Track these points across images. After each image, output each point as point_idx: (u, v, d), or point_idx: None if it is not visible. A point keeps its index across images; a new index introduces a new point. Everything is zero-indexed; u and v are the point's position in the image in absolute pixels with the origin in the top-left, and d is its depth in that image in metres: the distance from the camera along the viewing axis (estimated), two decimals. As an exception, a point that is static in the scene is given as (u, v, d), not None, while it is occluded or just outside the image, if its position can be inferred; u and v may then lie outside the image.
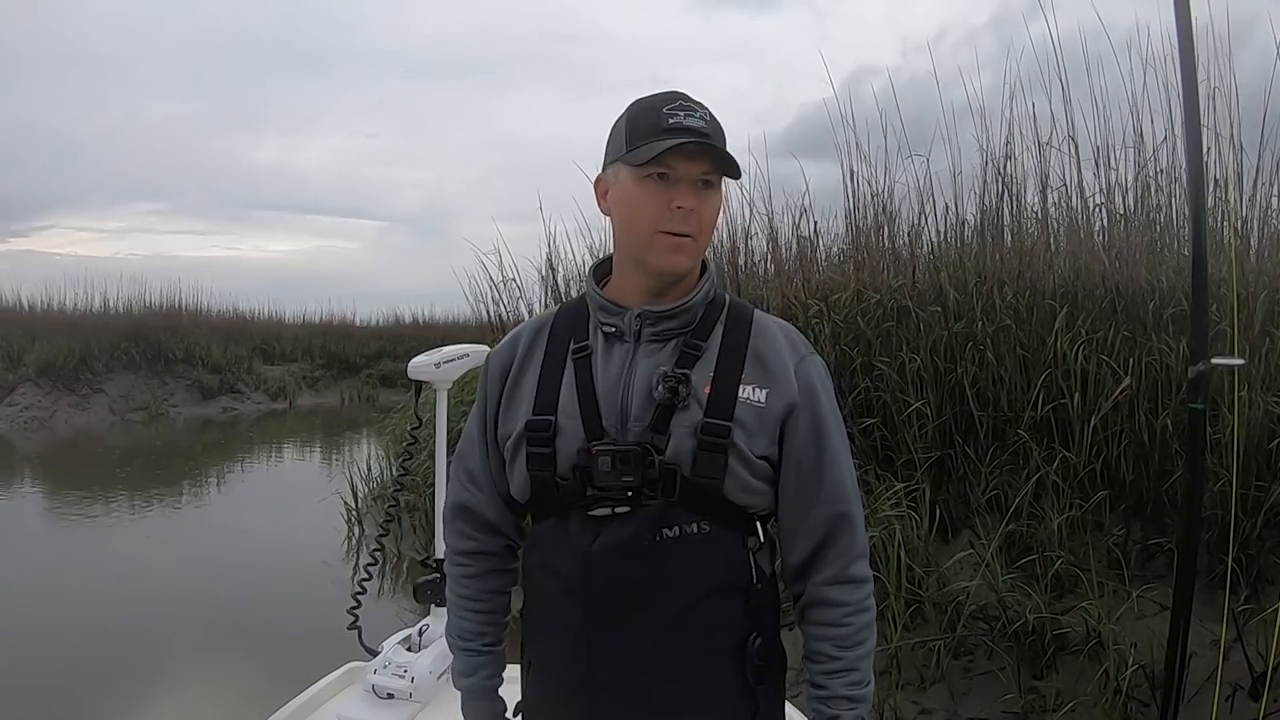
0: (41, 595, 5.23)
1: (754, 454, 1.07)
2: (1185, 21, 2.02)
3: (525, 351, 1.20)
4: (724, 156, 1.09)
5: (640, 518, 1.06)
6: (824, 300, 4.36)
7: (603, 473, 1.06)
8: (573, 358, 1.14)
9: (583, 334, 1.16)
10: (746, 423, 1.07)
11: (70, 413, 13.56)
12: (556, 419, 1.11)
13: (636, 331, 1.13)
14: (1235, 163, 3.67)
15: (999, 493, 3.48)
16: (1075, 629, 2.96)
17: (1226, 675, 2.58)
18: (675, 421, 1.07)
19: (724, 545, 1.09)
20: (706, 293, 1.16)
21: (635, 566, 1.06)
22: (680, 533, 1.06)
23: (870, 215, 4.80)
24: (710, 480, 1.06)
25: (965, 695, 3.03)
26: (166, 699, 3.90)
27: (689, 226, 1.09)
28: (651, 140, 1.07)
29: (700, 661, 1.08)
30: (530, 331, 1.22)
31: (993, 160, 4.34)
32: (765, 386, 1.09)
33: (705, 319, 1.14)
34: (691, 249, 1.11)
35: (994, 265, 4.08)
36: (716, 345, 1.12)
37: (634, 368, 1.11)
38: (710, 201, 1.11)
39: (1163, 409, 3.23)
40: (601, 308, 1.16)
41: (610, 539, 1.07)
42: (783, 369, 1.11)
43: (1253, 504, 2.92)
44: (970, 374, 3.70)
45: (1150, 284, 3.52)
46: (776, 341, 1.13)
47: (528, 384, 1.16)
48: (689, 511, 1.07)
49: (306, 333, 18.57)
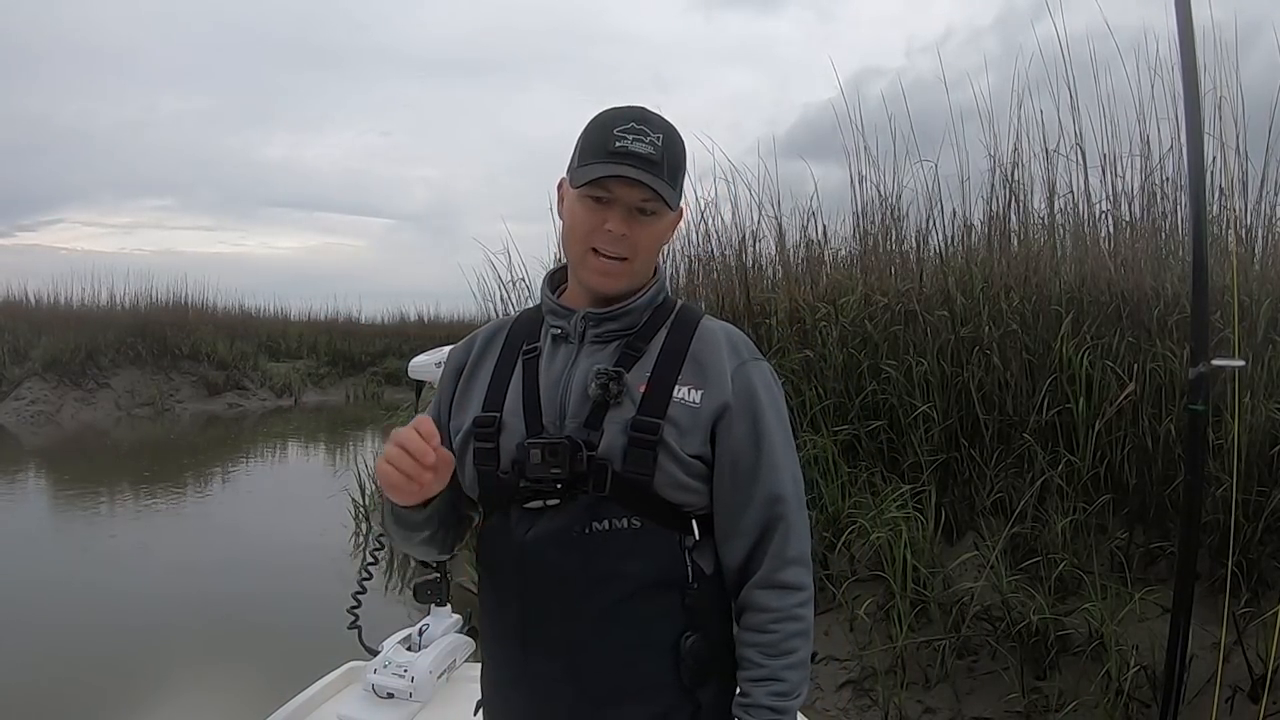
0: (44, 592, 5.27)
1: (686, 452, 1.08)
2: (1186, 23, 2.05)
3: (480, 351, 1.24)
4: (660, 188, 1.09)
5: (570, 511, 1.08)
6: (832, 303, 4.39)
7: (534, 465, 1.08)
8: (522, 358, 1.18)
9: (535, 336, 1.20)
10: (679, 421, 1.09)
11: (76, 407, 13.61)
12: (502, 416, 1.14)
13: (581, 333, 1.15)
14: (1240, 170, 3.72)
15: (1004, 495, 3.51)
16: (1078, 630, 3.00)
17: (1227, 678, 2.62)
18: (609, 418, 1.09)
19: (657, 542, 1.10)
20: (652, 296, 1.18)
21: (566, 558, 1.08)
22: (610, 527, 1.08)
23: (878, 219, 4.85)
24: (640, 476, 1.07)
25: (969, 695, 3.07)
26: (166, 697, 3.92)
27: (620, 249, 1.11)
28: (593, 162, 1.09)
29: (636, 656, 1.09)
30: (488, 333, 1.26)
31: (1000, 166, 4.38)
32: (701, 388, 1.10)
33: (650, 322, 1.17)
34: (622, 272, 1.13)
35: (1000, 270, 4.11)
36: (658, 347, 1.14)
37: (575, 367, 1.13)
38: (648, 228, 1.13)
39: (1166, 414, 3.26)
40: (551, 311, 1.19)
41: (541, 530, 1.09)
42: (719, 372, 1.12)
43: (1254, 509, 2.96)
44: (976, 378, 3.73)
45: (1155, 290, 3.55)
46: (717, 346, 1.14)
47: (479, 383, 1.20)
48: (620, 507, 1.08)
49: (312, 330, 18.64)
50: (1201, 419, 2.06)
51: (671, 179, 1.12)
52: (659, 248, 1.18)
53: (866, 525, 3.50)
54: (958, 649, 3.16)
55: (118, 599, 5.18)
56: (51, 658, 4.23)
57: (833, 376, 4.14)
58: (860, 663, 3.28)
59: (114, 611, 4.94)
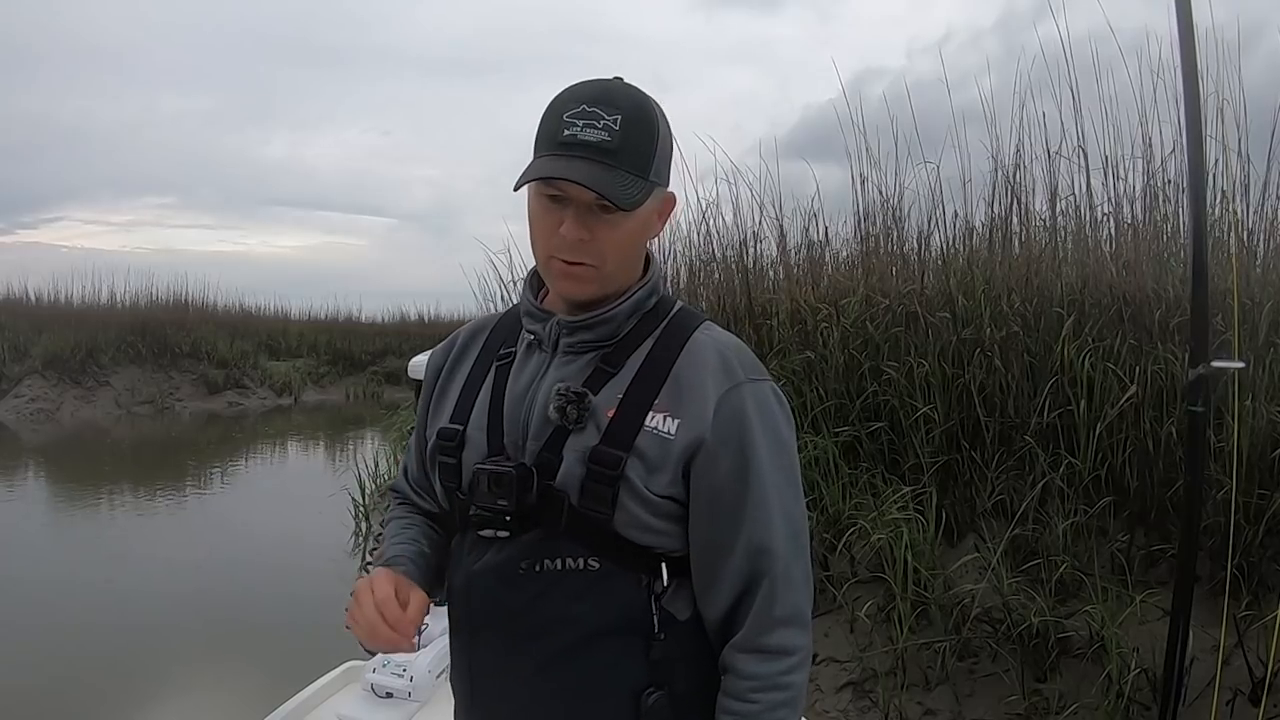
0: (43, 592, 5.27)
1: (652, 491, 0.95)
2: (1187, 25, 2.05)
3: (459, 353, 1.13)
4: (609, 189, 0.92)
5: (519, 545, 0.98)
6: (834, 305, 4.39)
7: (481, 492, 0.97)
8: (496, 364, 1.07)
9: (513, 340, 1.08)
10: (648, 455, 0.95)
11: (76, 405, 13.62)
12: (466, 429, 1.03)
13: (555, 341, 1.02)
14: (1241, 173, 3.72)
15: (1005, 497, 3.51)
16: (1079, 633, 3.00)
17: (1228, 680, 2.62)
18: (569, 444, 0.96)
19: (618, 585, 0.97)
20: (639, 301, 1.02)
21: (510, 596, 0.98)
22: (563, 566, 0.96)
23: (879, 220, 4.85)
24: (598, 514, 0.95)
25: (969, 697, 3.07)
26: (166, 696, 3.92)
27: (581, 255, 0.96)
28: (542, 155, 0.95)
29: (590, 706, 0.98)
30: (469, 332, 1.15)
31: (1002, 169, 4.38)
32: (678, 416, 0.96)
33: (634, 333, 1.02)
34: (589, 277, 0.98)
35: (1002, 272, 4.11)
36: (638, 363, 0.99)
37: (543, 381, 1.01)
38: (613, 229, 0.96)
39: (1167, 417, 3.26)
40: (528, 313, 1.06)
41: (489, 562, 0.99)
42: (700, 398, 0.96)
43: (1255, 512, 2.96)
44: (978, 380, 3.73)
45: (1156, 293, 3.55)
46: (705, 366, 0.98)
47: (453, 389, 1.09)
48: (576, 545, 0.96)
49: (312, 329, 18.67)
50: (1201, 420, 2.07)
51: (636, 166, 0.94)
52: (635, 246, 1.02)
53: (867, 526, 3.50)
54: (958, 651, 3.16)
55: (116, 598, 5.18)
56: (51, 657, 4.22)
57: (834, 377, 4.15)
58: (860, 664, 3.29)
59: (113, 611, 4.95)
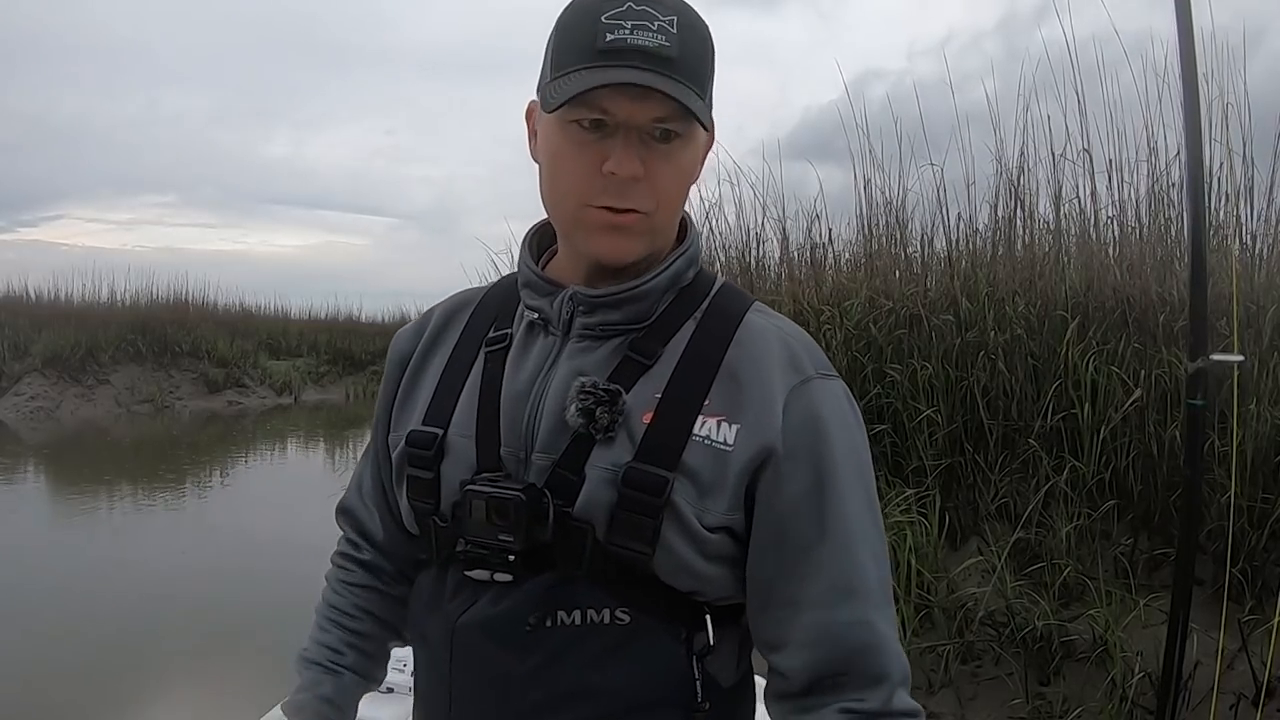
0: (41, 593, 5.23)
1: (705, 523, 0.73)
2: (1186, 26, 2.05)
3: (434, 336, 0.88)
4: (684, 95, 0.71)
5: (523, 592, 0.74)
6: (836, 306, 4.39)
7: (475, 522, 0.74)
8: (485, 350, 0.82)
9: (507, 319, 0.84)
10: (700, 474, 0.73)
11: (76, 404, 13.60)
12: (446, 434, 0.79)
13: (566, 321, 0.78)
14: (1245, 176, 3.72)
15: (1008, 500, 3.51)
16: (1082, 636, 3.00)
17: (1233, 685, 2.62)
18: (593, 459, 0.74)
19: (653, 644, 0.75)
20: (677, 272, 0.79)
21: (508, 659, 0.75)
22: (584, 620, 0.74)
23: (882, 222, 4.85)
24: (633, 552, 0.72)
25: (972, 700, 3.06)
26: (163, 693, 3.91)
27: (632, 200, 0.73)
28: (575, 68, 0.71)
29: None
30: (447, 310, 0.90)
31: (1006, 172, 4.38)
32: (736, 421, 0.74)
33: (670, 313, 0.79)
34: (640, 229, 0.75)
35: (1006, 275, 4.12)
36: (678, 353, 0.77)
37: (553, 373, 0.77)
38: (672, 161, 0.74)
39: (1171, 421, 3.25)
40: (529, 284, 0.82)
41: (480, 614, 0.76)
42: (765, 397, 0.74)
43: (1259, 516, 2.96)
44: (981, 383, 3.73)
45: (1161, 296, 3.55)
46: (767, 355, 0.76)
47: (426, 382, 0.85)
48: (600, 592, 0.74)
49: (312, 328, 18.66)
50: (1200, 414, 2.07)
51: (696, 82, 0.72)
52: (686, 190, 0.79)
53: (870, 529, 3.49)
54: (961, 654, 3.16)
55: (115, 598, 5.16)
56: (51, 658, 4.21)
57: (836, 380, 4.14)
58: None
59: (112, 610, 4.93)
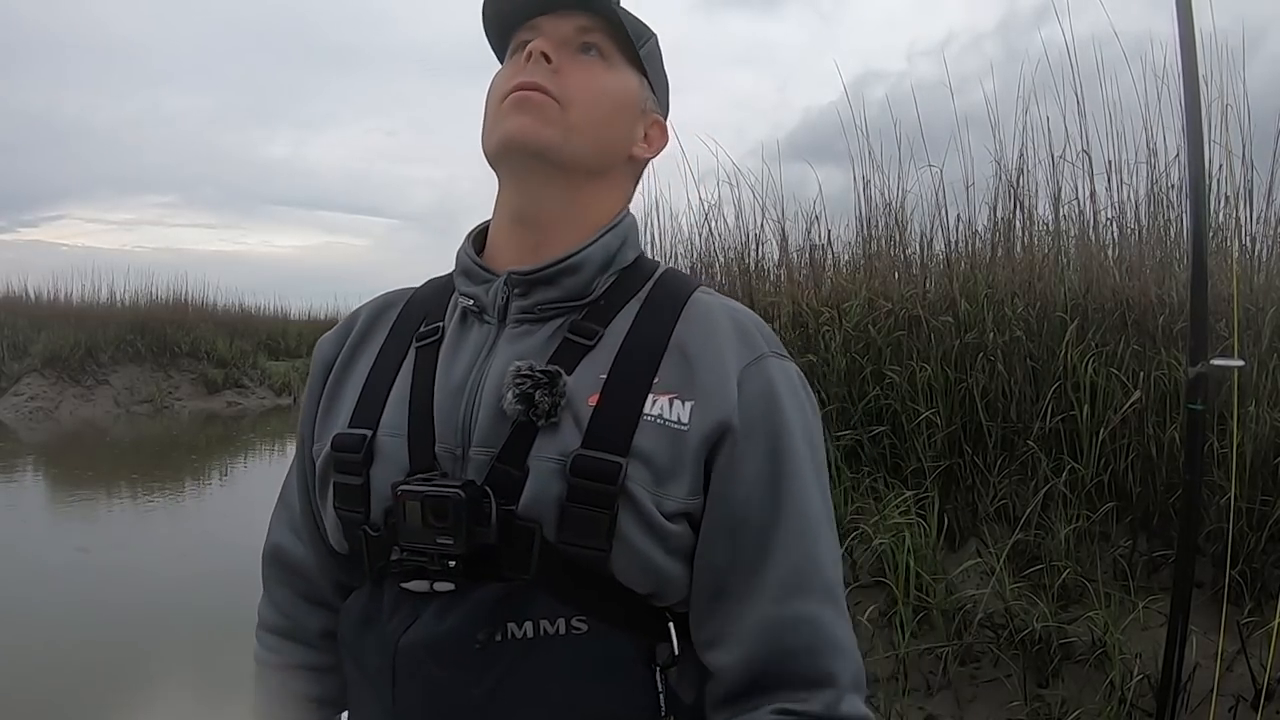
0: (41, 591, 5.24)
1: (663, 511, 0.68)
2: (1188, 28, 2.05)
3: (361, 336, 0.83)
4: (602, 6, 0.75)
5: (470, 604, 0.68)
6: (835, 308, 4.39)
7: (410, 527, 0.68)
8: (416, 345, 0.78)
9: (439, 313, 0.80)
10: (654, 456, 0.68)
11: (75, 404, 13.60)
12: (376, 435, 0.74)
13: (502, 307, 0.75)
14: (1245, 179, 3.72)
15: (1007, 502, 3.51)
16: (1081, 638, 2.99)
17: (1232, 688, 2.62)
18: (537, 450, 0.69)
19: (613, 655, 0.69)
20: (608, 247, 0.76)
21: (458, 680, 0.68)
22: (537, 632, 0.68)
23: (881, 223, 4.85)
24: (588, 550, 0.67)
25: (971, 702, 3.06)
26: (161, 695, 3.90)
27: (539, 76, 0.74)
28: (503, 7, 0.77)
29: None
30: (374, 309, 0.85)
31: (1005, 173, 4.38)
32: (690, 397, 0.70)
33: (611, 294, 0.76)
34: (550, 113, 0.73)
35: (1005, 277, 4.11)
36: (621, 332, 0.73)
37: (489, 362, 0.73)
38: (590, 69, 0.76)
39: (1170, 423, 3.25)
40: (465, 271, 0.79)
41: (423, 633, 0.69)
42: (719, 372, 0.71)
43: (1258, 518, 2.96)
44: (980, 384, 3.73)
45: (1160, 298, 3.55)
46: (717, 331, 0.73)
47: (352, 385, 0.80)
48: (552, 600, 0.68)
49: (312, 329, 18.64)
50: (1200, 418, 2.07)
51: (632, 26, 0.77)
52: (611, 114, 0.77)
53: (869, 531, 3.49)
54: (960, 656, 3.15)
55: (114, 598, 5.15)
56: (50, 659, 4.20)
57: (836, 381, 4.14)
58: (862, 669, 3.28)
59: (111, 609, 4.93)
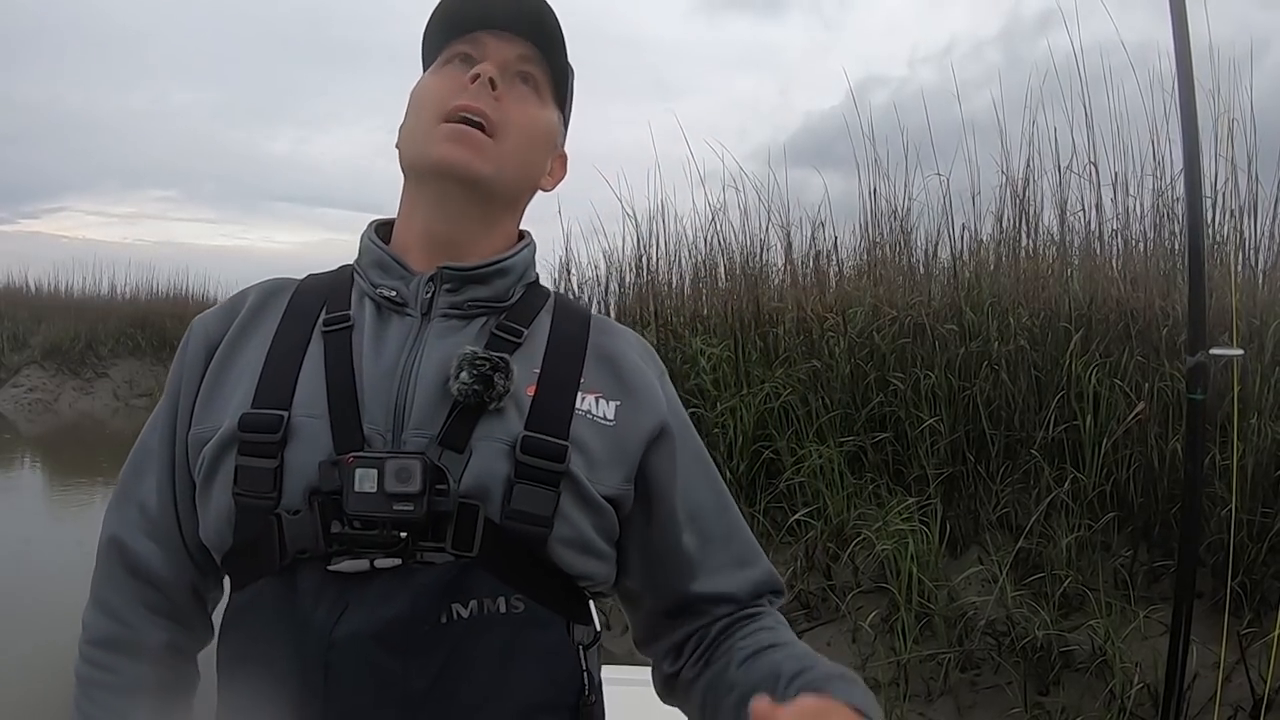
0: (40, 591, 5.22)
1: (599, 491, 0.74)
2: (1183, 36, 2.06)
3: (247, 320, 0.82)
4: (547, 35, 0.80)
5: (420, 583, 0.67)
6: (840, 314, 4.41)
7: (361, 494, 0.67)
8: (323, 332, 0.78)
9: (342, 303, 0.80)
10: (587, 446, 0.74)
11: (74, 396, 13.58)
12: (290, 416, 0.72)
13: (427, 301, 0.78)
14: (1249, 192, 3.75)
15: (1009, 511, 3.53)
16: (1081, 647, 3.01)
17: (1230, 697, 2.63)
18: (480, 431, 0.71)
19: (547, 635, 0.71)
20: (525, 260, 0.83)
21: (410, 668, 0.66)
22: (480, 610, 0.68)
23: (886, 230, 4.87)
24: (532, 528, 0.70)
25: (971, 709, 3.08)
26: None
27: (484, 102, 0.76)
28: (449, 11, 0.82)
29: None
30: (264, 291, 0.85)
31: (1011, 184, 4.40)
32: (616, 398, 0.77)
33: (525, 301, 0.82)
34: (489, 152, 0.77)
35: (1010, 286, 4.13)
36: (544, 335, 0.79)
37: (420, 352, 0.75)
38: (527, 103, 0.81)
39: (1172, 434, 3.27)
40: (380, 264, 0.81)
41: (366, 619, 0.66)
42: (643, 378, 0.80)
43: (1259, 530, 2.98)
44: (984, 393, 3.75)
45: (1164, 310, 3.57)
46: (629, 345, 0.83)
47: (245, 366, 0.78)
48: (493, 578, 0.69)
49: (311, 325, 18.66)
50: (1201, 408, 2.08)
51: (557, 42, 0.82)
52: (536, 153, 0.83)
53: (871, 537, 3.51)
54: (961, 663, 3.17)
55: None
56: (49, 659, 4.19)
57: (839, 387, 4.16)
58: (863, 674, 3.25)
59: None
